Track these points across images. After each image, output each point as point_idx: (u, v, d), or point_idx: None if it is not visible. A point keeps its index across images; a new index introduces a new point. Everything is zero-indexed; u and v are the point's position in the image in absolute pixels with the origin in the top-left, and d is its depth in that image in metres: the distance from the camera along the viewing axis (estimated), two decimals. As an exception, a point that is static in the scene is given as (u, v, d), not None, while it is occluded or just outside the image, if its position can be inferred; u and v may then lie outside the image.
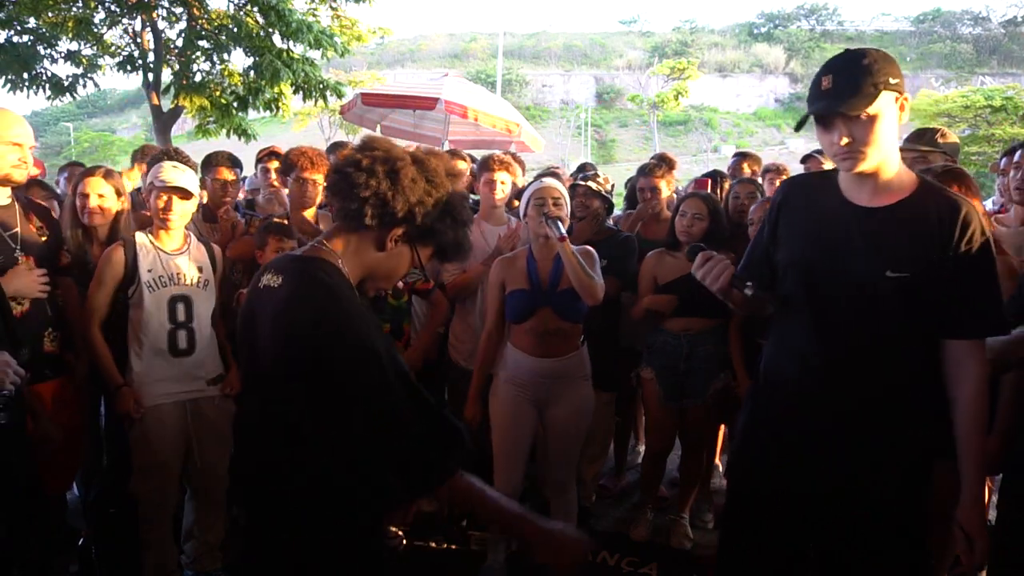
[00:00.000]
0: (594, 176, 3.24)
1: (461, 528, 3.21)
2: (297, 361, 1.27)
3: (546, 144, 7.55)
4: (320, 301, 1.29)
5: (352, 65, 25.99)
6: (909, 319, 1.56)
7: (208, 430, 2.60)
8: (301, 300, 1.30)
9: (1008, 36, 40.01)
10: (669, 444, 3.27)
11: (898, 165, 1.60)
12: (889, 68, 1.53)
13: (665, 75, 34.81)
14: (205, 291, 2.59)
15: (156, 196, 2.51)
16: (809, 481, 1.68)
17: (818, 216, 1.67)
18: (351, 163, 1.39)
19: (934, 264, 1.52)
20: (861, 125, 1.50)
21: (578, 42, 47.07)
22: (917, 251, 1.53)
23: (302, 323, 1.27)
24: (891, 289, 1.55)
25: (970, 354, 1.57)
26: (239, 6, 9.84)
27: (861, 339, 1.60)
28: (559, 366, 2.59)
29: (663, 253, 3.10)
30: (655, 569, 2.97)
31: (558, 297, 2.53)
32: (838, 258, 1.62)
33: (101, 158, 30.92)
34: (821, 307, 1.66)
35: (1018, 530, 1.87)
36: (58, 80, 9.68)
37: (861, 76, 1.49)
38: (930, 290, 1.54)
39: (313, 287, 1.31)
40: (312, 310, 1.28)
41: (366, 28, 11.43)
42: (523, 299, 2.58)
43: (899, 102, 1.54)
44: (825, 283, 1.65)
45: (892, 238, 1.55)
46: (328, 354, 1.26)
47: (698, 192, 3.27)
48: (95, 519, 2.76)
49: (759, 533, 1.79)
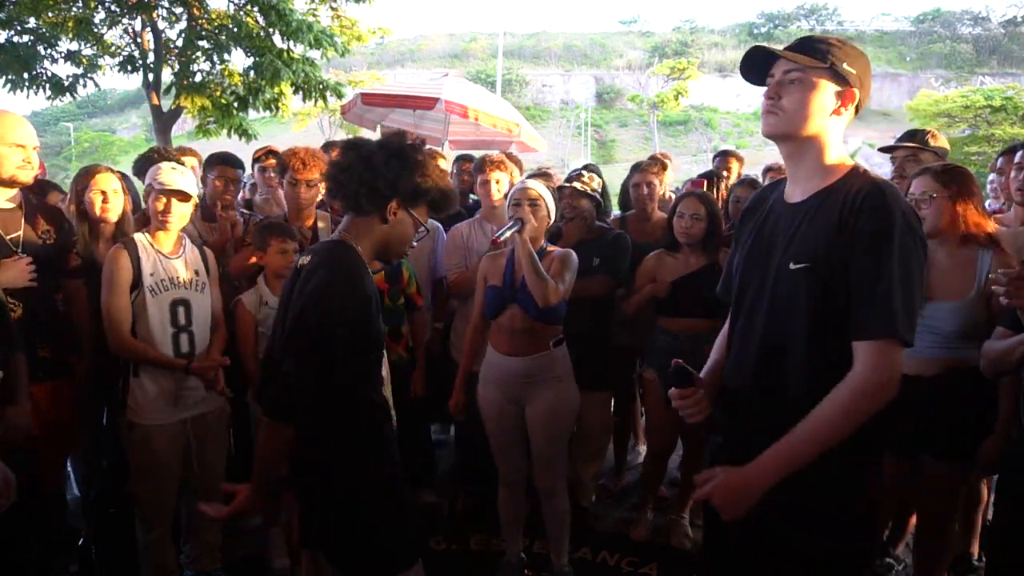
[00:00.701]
0: (578, 176, 3.25)
1: (461, 528, 3.22)
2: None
3: (546, 144, 7.54)
4: (333, 274, 1.69)
5: (352, 65, 25.98)
6: (816, 316, 1.39)
7: (206, 431, 2.60)
8: (323, 271, 1.70)
9: (1008, 36, 40.01)
10: (671, 445, 3.27)
11: (830, 160, 1.45)
12: (850, 57, 1.42)
13: (665, 75, 34.82)
14: (202, 294, 2.58)
15: (155, 198, 2.49)
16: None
17: (761, 219, 1.58)
18: (335, 166, 1.81)
19: (831, 252, 1.36)
20: (791, 89, 1.42)
21: (578, 42, 47.07)
22: (818, 240, 1.38)
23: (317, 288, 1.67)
24: (795, 283, 1.41)
25: (857, 358, 1.34)
26: (239, 6, 9.84)
27: (776, 340, 1.46)
28: (530, 365, 2.59)
29: (662, 254, 3.11)
30: (655, 569, 2.97)
31: (522, 293, 2.53)
32: (761, 259, 1.52)
33: (101, 158, 30.91)
34: (748, 309, 1.55)
35: (1017, 530, 1.87)
36: (58, 80, 9.67)
37: (814, 44, 1.43)
38: (831, 282, 1.37)
39: (331, 263, 1.72)
40: (325, 281, 1.68)
41: (366, 28, 11.43)
42: (495, 295, 2.62)
43: (843, 94, 1.41)
44: (751, 285, 1.55)
45: (800, 229, 1.44)
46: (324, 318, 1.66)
47: (694, 191, 3.26)
48: (95, 519, 2.76)
49: (711, 533, 1.73)
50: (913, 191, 2.27)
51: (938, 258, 2.25)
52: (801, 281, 1.40)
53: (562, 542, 2.79)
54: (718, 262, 3.01)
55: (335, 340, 1.64)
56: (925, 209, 2.21)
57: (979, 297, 2.19)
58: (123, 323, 2.42)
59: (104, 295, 2.42)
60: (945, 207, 2.20)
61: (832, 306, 1.37)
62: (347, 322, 1.66)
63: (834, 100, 1.42)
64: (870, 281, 1.32)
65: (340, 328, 1.65)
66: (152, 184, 2.52)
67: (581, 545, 3.06)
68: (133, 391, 2.45)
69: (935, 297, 2.22)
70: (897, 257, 1.30)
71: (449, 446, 4.11)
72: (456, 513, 3.37)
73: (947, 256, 2.25)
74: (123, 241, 2.50)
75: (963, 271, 2.23)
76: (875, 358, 1.32)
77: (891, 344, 1.32)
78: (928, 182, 2.24)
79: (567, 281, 2.55)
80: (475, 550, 3.06)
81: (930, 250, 2.24)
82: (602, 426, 3.41)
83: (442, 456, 4.02)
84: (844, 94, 1.42)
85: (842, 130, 1.46)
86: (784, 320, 1.44)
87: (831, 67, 1.40)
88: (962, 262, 2.24)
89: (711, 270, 3.00)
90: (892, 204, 1.33)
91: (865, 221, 1.33)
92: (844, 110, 1.42)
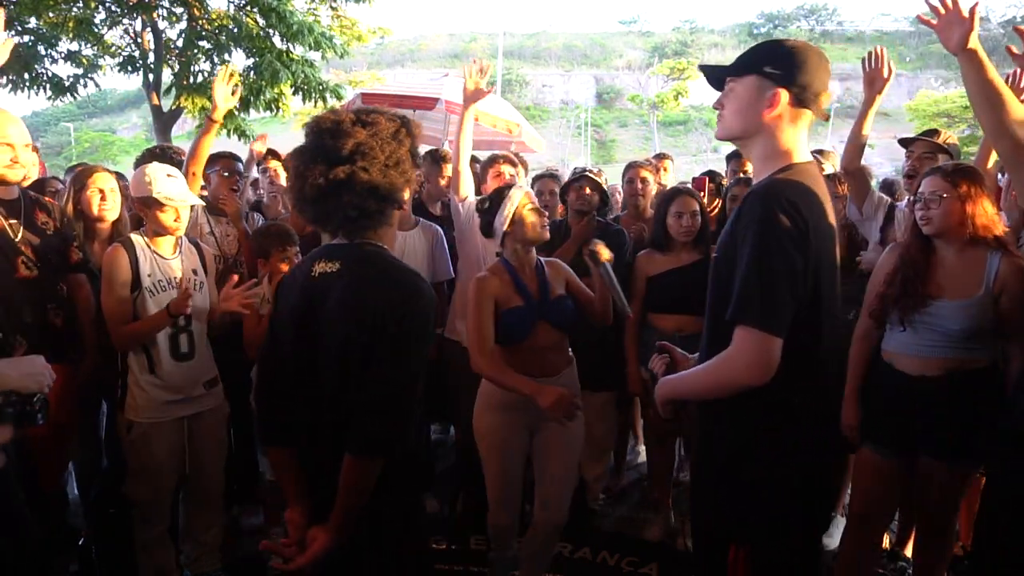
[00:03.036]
0: (585, 172, 3.29)
1: (461, 528, 3.21)
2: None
3: (546, 144, 7.54)
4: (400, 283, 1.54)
5: (352, 65, 25.95)
6: (715, 302, 1.53)
7: (205, 432, 2.59)
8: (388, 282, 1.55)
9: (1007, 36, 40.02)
10: (670, 446, 3.27)
11: (773, 156, 1.53)
12: (776, 59, 1.50)
13: (665, 75, 34.82)
14: (200, 293, 2.57)
15: (160, 210, 2.43)
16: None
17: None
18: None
19: (728, 245, 1.50)
20: (728, 95, 1.56)
21: (578, 42, 47.04)
22: (728, 232, 1.52)
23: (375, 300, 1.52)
24: (713, 271, 1.56)
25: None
26: (239, 7, 9.85)
27: (712, 328, 1.57)
28: (561, 384, 2.38)
29: (652, 252, 3.12)
30: (655, 569, 2.97)
31: (551, 307, 2.42)
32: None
33: (101, 158, 30.94)
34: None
35: (1017, 530, 1.87)
36: (59, 80, 9.69)
37: (744, 57, 1.57)
38: (725, 272, 1.49)
39: (388, 270, 1.56)
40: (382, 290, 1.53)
41: (366, 28, 11.43)
42: (521, 315, 2.38)
43: (772, 91, 1.48)
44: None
45: (730, 220, 1.56)
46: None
47: (684, 189, 3.26)
48: (95, 519, 2.76)
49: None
50: (922, 191, 2.26)
51: (946, 257, 2.25)
52: (713, 269, 1.56)
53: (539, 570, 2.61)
54: (709, 257, 3.02)
55: (423, 355, 1.54)
56: (934, 209, 2.20)
57: (986, 297, 2.17)
58: (124, 318, 2.40)
59: (104, 293, 2.42)
60: (954, 207, 2.19)
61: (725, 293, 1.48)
62: (432, 333, 1.57)
63: (764, 102, 1.50)
64: (737, 271, 1.43)
65: (427, 340, 1.56)
66: (155, 196, 2.42)
67: (581, 545, 3.07)
68: (132, 390, 2.45)
69: (942, 296, 2.21)
70: (757, 251, 1.40)
71: (449, 446, 4.11)
72: (456, 514, 3.37)
73: (955, 256, 2.24)
74: (121, 241, 2.49)
75: (971, 271, 2.21)
76: (736, 342, 1.42)
77: (749, 330, 1.39)
78: (937, 182, 2.23)
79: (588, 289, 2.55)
80: (475, 550, 3.05)
81: (938, 249, 2.27)
82: (606, 427, 3.41)
83: (442, 456, 4.02)
84: (774, 94, 1.49)
85: (790, 126, 1.52)
86: (715, 307, 1.55)
87: (758, 73, 1.51)
88: (970, 262, 2.22)
89: (702, 265, 3.00)
90: (769, 198, 1.43)
91: (743, 215, 1.46)
92: (776, 107, 1.49)
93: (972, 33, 1.70)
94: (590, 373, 2.78)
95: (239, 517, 3.22)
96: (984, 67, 1.71)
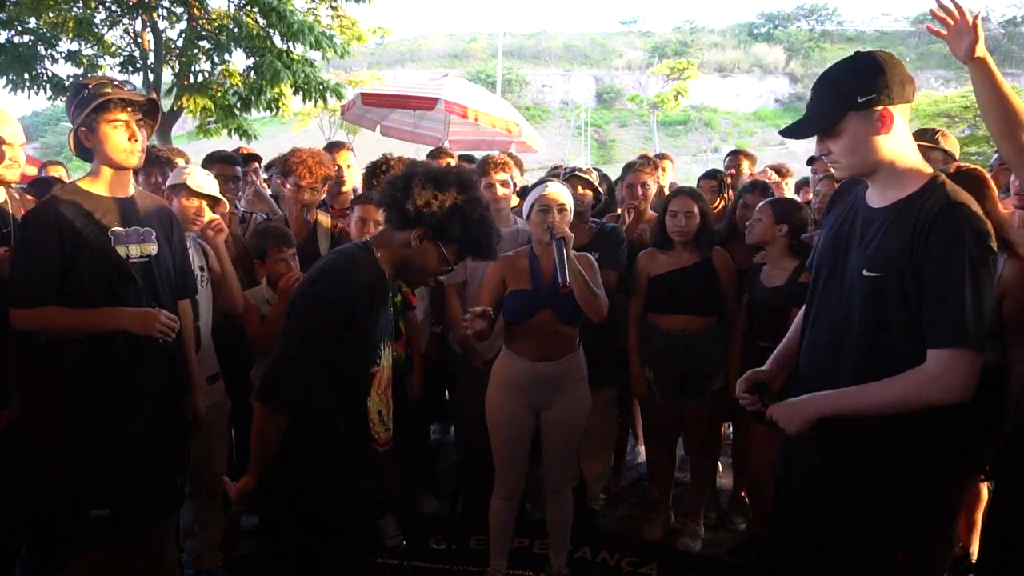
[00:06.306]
0: (575, 171, 3.29)
1: (461, 529, 3.21)
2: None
3: (546, 144, 7.54)
4: (329, 261, 1.79)
5: (352, 65, 25.90)
6: (880, 319, 1.53)
7: (207, 426, 2.57)
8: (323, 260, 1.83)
9: (1008, 36, 39.97)
10: (671, 446, 3.27)
11: (908, 166, 1.55)
12: (860, 84, 1.51)
13: (665, 75, 34.77)
14: (205, 290, 2.59)
15: (186, 197, 2.52)
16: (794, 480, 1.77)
17: (843, 215, 1.70)
18: (390, 178, 1.85)
19: (903, 265, 1.48)
20: (835, 141, 1.55)
21: (578, 42, 47.02)
22: (892, 251, 1.50)
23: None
24: (866, 290, 1.54)
25: (930, 359, 1.46)
26: (239, 6, 9.84)
27: (838, 338, 1.61)
28: (558, 369, 2.59)
29: (655, 252, 3.12)
30: (655, 569, 2.97)
31: (559, 298, 2.51)
32: (840, 256, 1.64)
33: (101, 158, 30.73)
34: (820, 302, 1.69)
35: (1016, 530, 1.87)
36: (59, 80, 9.67)
37: (827, 101, 1.55)
38: (899, 291, 1.49)
39: (336, 254, 1.83)
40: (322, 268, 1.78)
41: (366, 28, 11.41)
42: (525, 299, 2.57)
43: (877, 114, 1.49)
44: (826, 280, 1.68)
45: (878, 238, 1.55)
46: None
47: (685, 189, 3.26)
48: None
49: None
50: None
51: None
52: (871, 288, 1.53)
53: (563, 543, 2.79)
54: (710, 259, 3.02)
55: (319, 327, 1.67)
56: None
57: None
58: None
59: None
60: None
61: (897, 313, 1.49)
62: (329, 303, 1.68)
63: (873, 126, 1.50)
64: (942, 293, 1.43)
65: (325, 310, 1.67)
66: (186, 183, 2.52)
67: (581, 545, 3.07)
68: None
69: None
70: (968, 271, 1.41)
71: (449, 446, 4.11)
72: (456, 514, 3.37)
73: None
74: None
75: None
76: (944, 363, 1.43)
77: (961, 352, 1.42)
78: None
79: (601, 286, 2.56)
80: (475, 550, 3.05)
81: None
82: (608, 425, 3.41)
83: (442, 456, 4.02)
84: (880, 115, 1.49)
85: (902, 138, 1.53)
86: (852, 319, 1.57)
87: (853, 109, 1.49)
88: None
89: (703, 267, 3.00)
90: (962, 221, 1.43)
91: (937, 237, 1.44)
92: (889, 125, 1.50)
93: (979, 43, 1.71)
94: (594, 370, 2.79)
95: (239, 516, 3.21)
96: (993, 75, 1.73)
